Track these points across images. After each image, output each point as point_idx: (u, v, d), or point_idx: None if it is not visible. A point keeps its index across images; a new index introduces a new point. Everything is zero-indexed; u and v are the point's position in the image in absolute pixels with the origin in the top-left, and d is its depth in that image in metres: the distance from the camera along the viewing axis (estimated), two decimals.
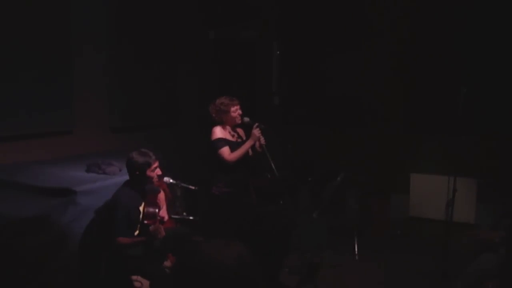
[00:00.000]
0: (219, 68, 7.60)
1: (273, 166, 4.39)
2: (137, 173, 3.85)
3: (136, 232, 3.87)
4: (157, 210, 3.92)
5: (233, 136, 4.56)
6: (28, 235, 1.28)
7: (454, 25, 6.32)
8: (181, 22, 7.04)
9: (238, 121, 4.51)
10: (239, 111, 4.49)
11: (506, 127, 5.99)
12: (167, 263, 4.02)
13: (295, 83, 7.48)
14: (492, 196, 5.72)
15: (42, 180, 4.28)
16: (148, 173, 3.86)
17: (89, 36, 5.66)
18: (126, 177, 3.97)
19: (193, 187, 4.49)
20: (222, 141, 4.43)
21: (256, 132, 4.43)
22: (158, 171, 3.93)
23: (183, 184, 4.45)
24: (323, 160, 6.66)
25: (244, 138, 4.64)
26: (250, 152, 4.56)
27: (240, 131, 4.68)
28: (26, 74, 4.94)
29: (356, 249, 5.35)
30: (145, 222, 3.83)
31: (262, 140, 4.45)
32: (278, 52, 7.57)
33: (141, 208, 3.91)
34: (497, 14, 6.07)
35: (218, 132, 4.47)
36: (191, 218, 4.28)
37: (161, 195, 4.18)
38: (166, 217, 4.15)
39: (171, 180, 4.44)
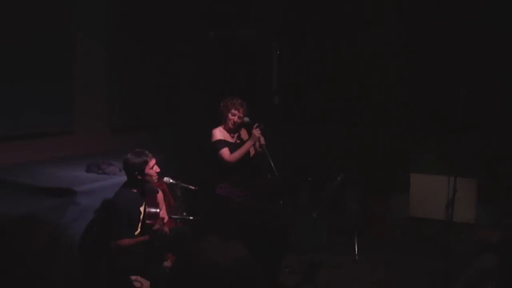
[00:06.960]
0: (219, 68, 7.60)
1: (273, 166, 4.39)
2: (136, 173, 3.85)
3: (137, 232, 3.88)
4: (158, 210, 3.93)
5: (232, 137, 4.57)
6: (28, 235, 1.29)
7: (454, 26, 6.32)
8: (181, 22, 7.03)
9: (231, 125, 4.50)
10: (237, 118, 4.47)
11: (506, 127, 5.98)
12: (167, 263, 4.02)
13: (295, 83, 7.47)
14: (492, 196, 5.72)
15: (42, 180, 4.28)
16: (147, 171, 3.87)
17: (90, 35, 5.65)
18: (126, 178, 3.97)
19: (193, 187, 4.48)
20: (222, 142, 4.46)
21: (256, 132, 4.43)
22: (157, 168, 3.94)
23: (183, 184, 4.45)
24: (323, 160, 6.65)
25: (245, 139, 4.64)
26: (251, 152, 4.57)
27: (242, 132, 4.68)
28: (26, 74, 4.93)
29: (356, 249, 5.35)
30: (147, 222, 3.84)
31: (262, 140, 4.44)
32: (278, 52, 7.56)
33: (141, 209, 3.92)
34: (497, 15, 6.07)
35: (217, 133, 4.50)
36: (191, 218, 4.27)
37: (160, 196, 4.18)
38: (166, 218, 4.16)
39: (171, 180, 4.43)
